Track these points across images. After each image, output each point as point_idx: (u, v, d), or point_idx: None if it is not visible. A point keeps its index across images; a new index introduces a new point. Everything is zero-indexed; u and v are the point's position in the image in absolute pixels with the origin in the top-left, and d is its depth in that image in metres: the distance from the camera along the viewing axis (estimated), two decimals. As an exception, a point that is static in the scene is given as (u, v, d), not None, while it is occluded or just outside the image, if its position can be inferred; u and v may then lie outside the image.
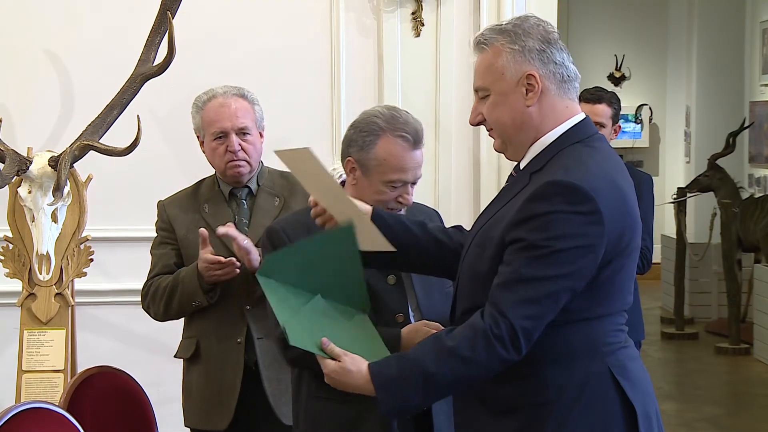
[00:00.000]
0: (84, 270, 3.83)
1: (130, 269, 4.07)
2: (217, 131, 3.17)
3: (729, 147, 8.36)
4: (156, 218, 3.32)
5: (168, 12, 3.58)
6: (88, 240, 3.83)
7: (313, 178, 2.42)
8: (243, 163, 3.19)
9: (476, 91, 2.31)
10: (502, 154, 2.37)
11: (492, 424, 2.27)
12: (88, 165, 3.76)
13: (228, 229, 3.02)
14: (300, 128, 4.23)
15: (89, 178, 3.83)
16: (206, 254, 3.04)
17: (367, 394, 2.20)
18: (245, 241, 3.03)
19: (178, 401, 3.36)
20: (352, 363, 2.22)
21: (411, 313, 2.68)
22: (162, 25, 3.62)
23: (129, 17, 4.11)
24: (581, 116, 2.29)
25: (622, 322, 2.29)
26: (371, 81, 4.27)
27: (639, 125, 11.10)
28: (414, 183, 2.67)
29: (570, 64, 2.28)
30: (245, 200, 3.26)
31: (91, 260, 3.84)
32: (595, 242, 2.14)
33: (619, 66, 11.02)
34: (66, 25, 4.20)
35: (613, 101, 4.40)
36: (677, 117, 10.84)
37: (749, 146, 9.32)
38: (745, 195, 8.45)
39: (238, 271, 3.06)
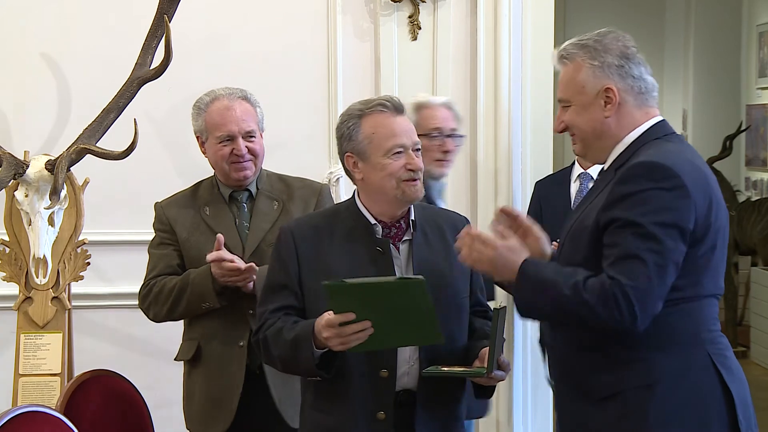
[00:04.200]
0: (81, 273, 3.83)
1: (127, 273, 4.06)
2: (224, 135, 3.16)
3: (725, 150, 8.37)
4: (154, 220, 3.31)
5: (165, 16, 3.57)
6: (84, 243, 3.82)
7: None
8: (249, 164, 3.19)
9: (559, 101, 2.53)
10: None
11: (594, 412, 2.38)
12: (85, 169, 3.76)
13: (221, 253, 3.03)
14: (297, 131, 4.23)
15: (86, 182, 3.83)
16: (224, 263, 3.04)
17: (511, 276, 2.41)
18: (242, 264, 3.06)
19: (175, 404, 3.35)
20: (519, 244, 2.46)
21: None
22: (159, 28, 3.62)
23: (126, 21, 4.11)
24: (659, 118, 2.48)
25: (716, 311, 2.43)
26: (368, 84, 4.27)
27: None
28: (416, 150, 2.65)
29: (648, 77, 2.47)
30: (245, 203, 3.25)
31: (88, 264, 3.84)
32: (685, 215, 2.29)
33: (615, 69, 11.03)
34: (63, 28, 4.20)
35: (610, 104, 4.42)
36: (674, 120, 10.83)
37: (746, 149, 9.31)
38: (741, 198, 8.45)
39: (255, 277, 3.07)
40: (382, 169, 2.62)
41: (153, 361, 4.08)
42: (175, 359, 3.31)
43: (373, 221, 2.67)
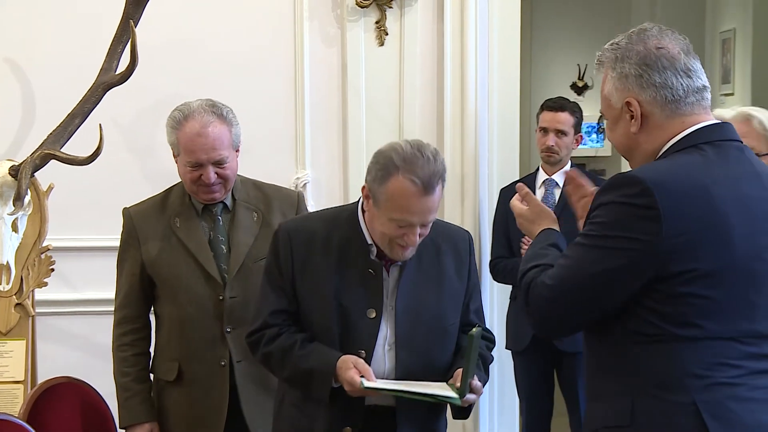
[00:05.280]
0: (45, 280, 3.79)
1: (92, 279, 4.04)
2: (193, 162, 3.09)
3: (690, 156, 8.42)
4: (122, 228, 3.26)
5: (131, 20, 3.56)
6: (49, 250, 3.79)
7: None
8: (218, 188, 3.13)
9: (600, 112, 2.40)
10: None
11: None
12: (50, 174, 3.73)
13: None
14: (264, 136, 4.22)
15: (50, 188, 3.79)
16: None
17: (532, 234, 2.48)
18: None
19: (141, 412, 3.33)
20: (536, 213, 2.49)
21: (386, 347, 2.67)
22: (124, 33, 3.60)
23: (91, 25, 4.08)
24: (699, 125, 2.22)
25: (730, 355, 2.10)
26: (335, 90, 4.27)
27: (601, 134, 11.19)
28: (424, 225, 2.61)
29: (679, 81, 2.21)
30: (221, 215, 3.21)
31: (52, 270, 3.81)
32: (642, 238, 2.06)
33: (581, 75, 11.11)
34: (27, 33, 4.17)
35: (576, 110, 4.48)
36: (639, 126, 10.92)
37: (710, 155, 9.42)
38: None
39: None
40: (382, 225, 2.61)
41: (118, 367, 4.05)
42: (151, 373, 3.28)
43: (369, 241, 2.67)
